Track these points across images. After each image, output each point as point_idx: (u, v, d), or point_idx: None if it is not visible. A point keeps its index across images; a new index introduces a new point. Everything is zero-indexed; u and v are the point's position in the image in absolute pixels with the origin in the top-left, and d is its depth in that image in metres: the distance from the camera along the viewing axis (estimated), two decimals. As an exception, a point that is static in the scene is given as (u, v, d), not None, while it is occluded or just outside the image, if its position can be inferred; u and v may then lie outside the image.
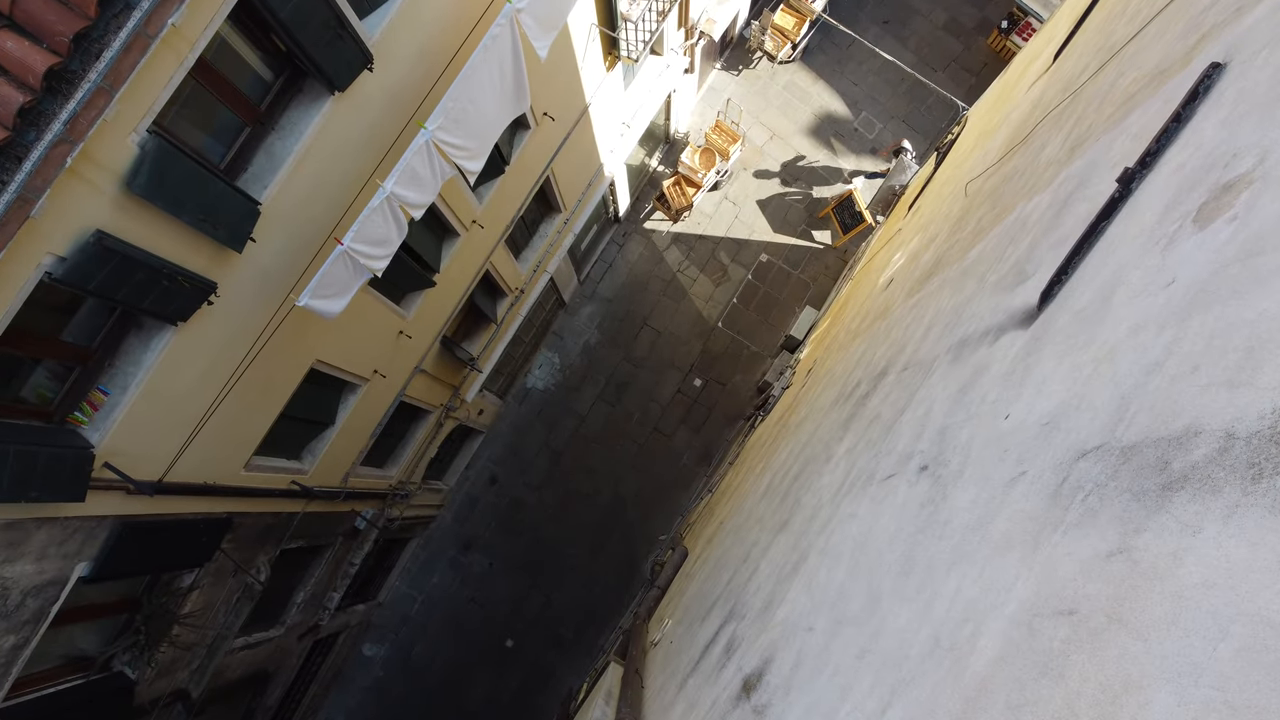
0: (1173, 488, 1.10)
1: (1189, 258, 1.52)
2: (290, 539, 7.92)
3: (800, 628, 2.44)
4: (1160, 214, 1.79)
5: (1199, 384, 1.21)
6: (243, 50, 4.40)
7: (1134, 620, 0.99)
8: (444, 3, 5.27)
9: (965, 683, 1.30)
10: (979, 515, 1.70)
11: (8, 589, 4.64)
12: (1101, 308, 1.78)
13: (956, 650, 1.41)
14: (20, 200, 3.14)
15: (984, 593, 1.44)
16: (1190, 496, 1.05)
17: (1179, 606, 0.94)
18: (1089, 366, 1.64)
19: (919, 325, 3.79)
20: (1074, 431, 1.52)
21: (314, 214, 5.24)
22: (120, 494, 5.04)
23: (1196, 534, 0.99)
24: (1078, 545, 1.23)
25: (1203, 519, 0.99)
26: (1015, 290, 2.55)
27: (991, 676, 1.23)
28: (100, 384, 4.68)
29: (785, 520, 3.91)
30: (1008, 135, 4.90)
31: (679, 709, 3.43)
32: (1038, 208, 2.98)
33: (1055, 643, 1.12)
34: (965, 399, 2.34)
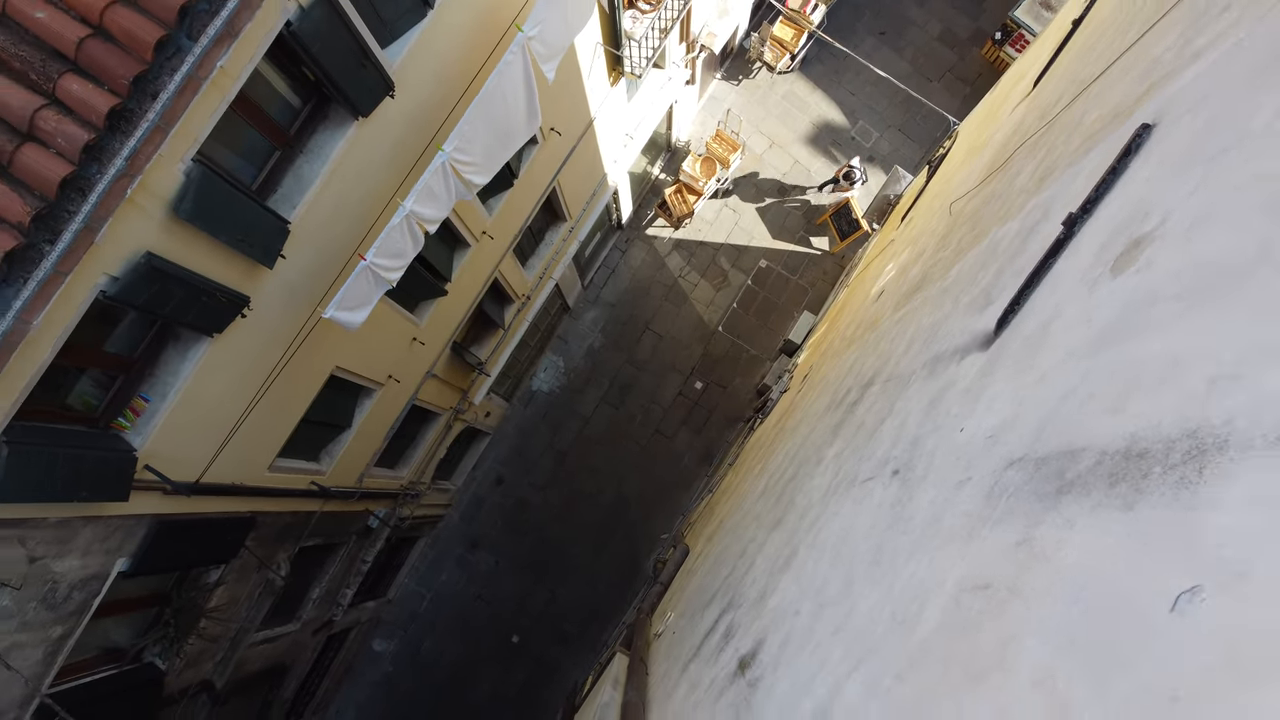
0: (1063, 492, 1.42)
1: (1104, 301, 1.84)
2: (308, 537, 8.25)
3: (789, 612, 2.77)
4: (1092, 258, 2.10)
5: (1094, 410, 1.53)
6: (275, 80, 4.72)
7: (1025, 591, 1.31)
8: (458, 31, 5.60)
9: (911, 646, 1.62)
10: (934, 513, 2.02)
11: (56, 582, 4.98)
12: (1042, 338, 2.10)
13: (907, 622, 1.73)
14: (86, 229, 3.47)
15: (931, 575, 1.76)
16: (1073, 498, 1.37)
17: (1055, 580, 1.26)
18: (1027, 389, 1.96)
19: (903, 339, 4.10)
20: (1008, 445, 1.84)
21: (338, 231, 5.57)
22: (158, 494, 5.38)
23: (1072, 526, 1.31)
24: (998, 536, 1.56)
25: (1077, 515, 1.32)
26: (981, 314, 2.86)
27: (929, 640, 1.56)
28: (141, 391, 5.01)
29: (780, 519, 4.23)
30: (990, 157, 5.21)
31: (682, 690, 3.76)
32: (1008, 234, 3.30)
33: (973, 612, 1.44)
34: (934, 412, 2.66)
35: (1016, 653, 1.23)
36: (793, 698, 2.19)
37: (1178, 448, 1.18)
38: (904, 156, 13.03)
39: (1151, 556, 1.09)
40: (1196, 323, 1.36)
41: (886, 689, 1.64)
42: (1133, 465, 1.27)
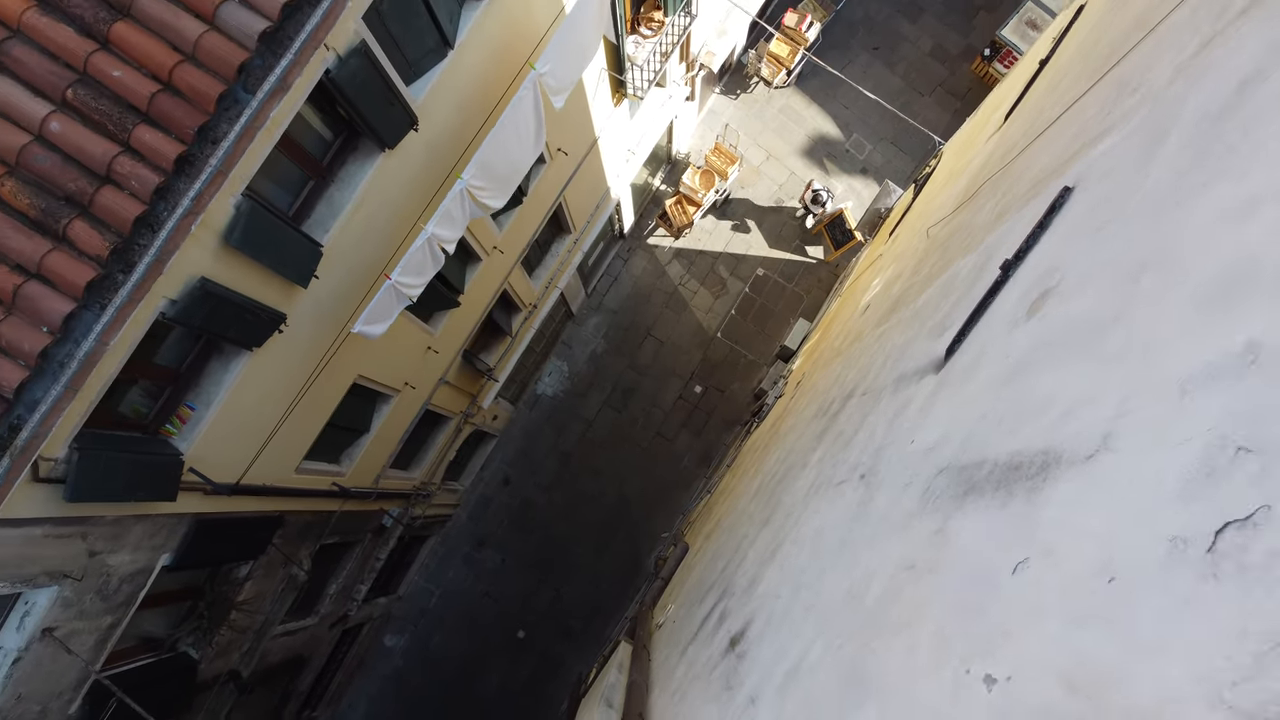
0: (969, 494, 1.88)
1: (1018, 340, 2.30)
2: (328, 535, 8.72)
3: (772, 596, 3.23)
4: (1015, 303, 2.56)
5: (1000, 431, 1.99)
6: (311, 118, 5.19)
7: (935, 568, 1.78)
8: (476, 69, 6.06)
9: (859, 616, 2.08)
10: (886, 510, 2.49)
11: (110, 575, 5.45)
12: (974, 367, 2.56)
13: (858, 598, 2.19)
14: (156, 261, 3.94)
15: (878, 560, 2.22)
16: (973, 499, 1.83)
17: (952, 558, 1.72)
18: (958, 410, 2.42)
19: (880, 355, 4.56)
20: (941, 455, 2.30)
21: (365, 252, 6.03)
22: (199, 494, 5.85)
23: (967, 519, 1.77)
24: (923, 527, 2.02)
25: (974, 511, 1.78)
26: (938, 340, 3.32)
27: (872, 609, 2.02)
28: (187, 400, 5.48)
29: (769, 517, 4.69)
30: (964, 185, 5.67)
31: (680, 670, 4.22)
32: (966, 268, 3.76)
33: (902, 584, 1.91)
34: (895, 424, 3.12)
35: (923, 610, 1.69)
36: (771, 664, 2.65)
37: (1035, 462, 1.64)
38: (896, 168, 13.50)
39: (1007, 539, 1.55)
40: (1061, 368, 1.82)
41: (838, 648, 2.10)
42: (1010, 475, 1.73)
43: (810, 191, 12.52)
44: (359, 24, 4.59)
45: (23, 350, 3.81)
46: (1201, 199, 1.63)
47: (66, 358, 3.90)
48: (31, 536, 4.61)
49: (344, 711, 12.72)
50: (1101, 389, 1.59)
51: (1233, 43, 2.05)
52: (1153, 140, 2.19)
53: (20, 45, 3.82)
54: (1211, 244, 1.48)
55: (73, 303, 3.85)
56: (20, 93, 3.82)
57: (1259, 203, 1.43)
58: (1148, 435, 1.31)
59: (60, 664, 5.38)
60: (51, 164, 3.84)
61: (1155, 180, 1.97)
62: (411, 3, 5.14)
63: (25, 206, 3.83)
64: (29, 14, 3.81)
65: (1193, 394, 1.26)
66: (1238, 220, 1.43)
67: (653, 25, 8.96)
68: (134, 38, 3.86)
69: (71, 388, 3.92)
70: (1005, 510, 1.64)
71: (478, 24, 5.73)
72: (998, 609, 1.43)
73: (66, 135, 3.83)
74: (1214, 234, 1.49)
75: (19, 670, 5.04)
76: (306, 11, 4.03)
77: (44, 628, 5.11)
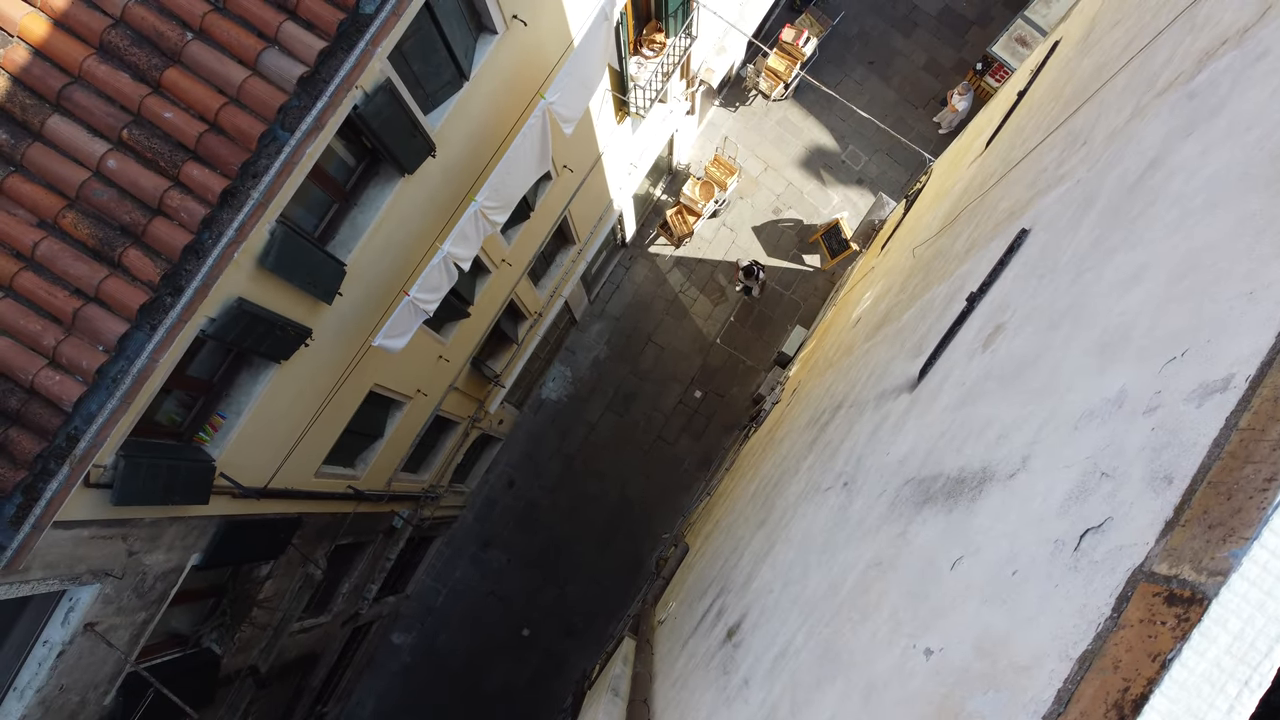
0: (926, 502, 2.25)
1: (973, 369, 2.67)
2: (342, 536, 9.09)
3: (765, 591, 3.60)
4: (975, 333, 2.94)
5: (950, 448, 2.36)
6: (337, 147, 5.56)
7: (894, 565, 2.15)
8: (490, 98, 6.44)
9: (836, 603, 2.45)
10: (862, 514, 2.86)
11: (145, 573, 5.82)
12: (939, 390, 2.93)
13: (838, 590, 2.56)
14: (203, 285, 4.31)
15: (854, 557, 2.59)
16: (929, 506, 2.20)
17: (909, 556, 2.09)
18: (923, 428, 2.79)
19: (866, 369, 4.93)
20: (908, 467, 2.67)
21: (384, 270, 6.40)
22: (228, 497, 6.21)
23: (924, 524, 2.14)
24: (890, 530, 2.39)
25: (929, 517, 2.15)
26: (914, 360, 3.69)
27: (844, 598, 2.39)
28: (219, 410, 5.85)
29: (764, 519, 5.06)
30: (947, 208, 6.05)
31: (681, 661, 4.59)
32: (941, 294, 4.13)
33: (870, 579, 2.28)
34: (875, 437, 3.49)
35: (882, 599, 2.06)
36: (763, 650, 3.02)
37: (975, 477, 2.01)
38: (891, 180, 13.88)
39: (947, 541, 1.92)
40: (998, 397, 2.19)
41: (817, 634, 2.47)
42: (956, 487, 2.10)
43: (741, 269, 12.87)
44: (384, 64, 4.97)
45: (81, 367, 4.18)
46: (1107, 264, 2.00)
47: (120, 374, 4.27)
48: (80, 537, 4.98)
49: (353, 708, 13.08)
50: (1026, 418, 1.96)
51: (1149, 120, 2.43)
52: (1086, 202, 2.57)
53: (81, 90, 4.19)
54: (1105, 306, 1.85)
55: (127, 324, 4.22)
56: (81, 133, 4.19)
57: (1145, 269, 1.80)
58: (1050, 459, 1.68)
59: (98, 657, 5.74)
60: (109, 197, 4.21)
61: (1081, 239, 2.35)
62: (431, 40, 5.51)
63: (85, 236, 4.20)
64: (89, 62, 4.18)
65: (1081, 429, 1.62)
66: (1125, 288, 1.80)
67: (654, 47, 9.34)
68: (184, 83, 4.23)
69: (125, 402, 4.28)
70: (950, 517, 2.00)
71: (491, 57, 6.10)
72: (937, 596, 1.80)
73: (122, 171, 4.20)
74: (1108, 297, 1.86)
75: (63, 662, 5.41)
76: (340, 57, 4.40)
77: (86, 623, 5.47)
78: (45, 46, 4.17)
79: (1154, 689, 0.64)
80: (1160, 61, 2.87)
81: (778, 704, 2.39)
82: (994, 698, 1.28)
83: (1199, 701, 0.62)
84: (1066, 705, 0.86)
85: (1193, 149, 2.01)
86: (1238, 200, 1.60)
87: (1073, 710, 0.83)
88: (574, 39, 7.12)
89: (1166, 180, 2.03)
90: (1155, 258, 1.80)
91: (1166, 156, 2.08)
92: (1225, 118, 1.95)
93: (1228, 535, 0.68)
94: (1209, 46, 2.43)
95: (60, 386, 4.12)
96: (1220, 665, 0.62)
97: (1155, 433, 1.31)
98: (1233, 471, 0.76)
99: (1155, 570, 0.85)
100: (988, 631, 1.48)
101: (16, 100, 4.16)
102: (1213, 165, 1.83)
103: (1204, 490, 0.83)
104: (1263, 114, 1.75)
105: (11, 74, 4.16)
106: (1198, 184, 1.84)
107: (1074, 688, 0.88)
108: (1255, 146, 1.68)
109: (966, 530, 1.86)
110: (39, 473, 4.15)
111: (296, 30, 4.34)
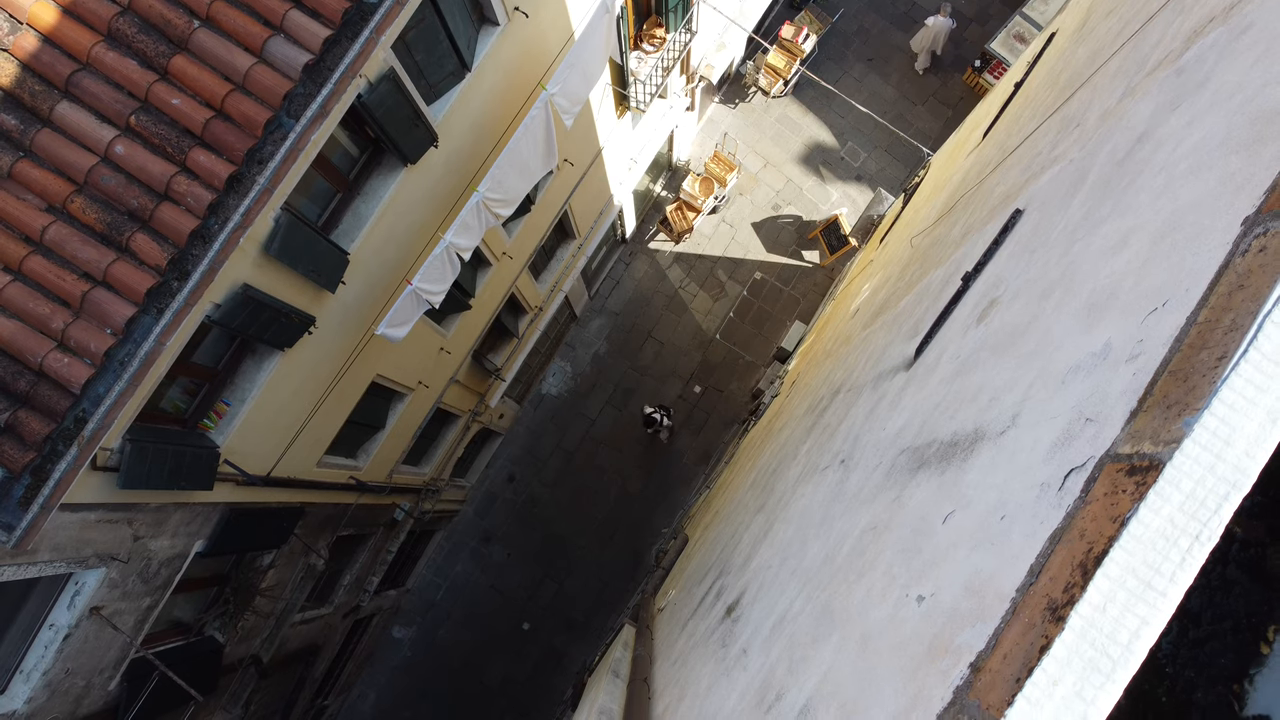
0: (920, 467, 2.31)
1: (967, 343, 2.73)
2: (344, 527, 9.14)
3: (763, 568, 3.66)
4: (971, 309, 3.00)
5: (946, 416, 2.42)
6: (340, 137, 5.62)
7: (890, 526, 2.21)
8: (492, 89, 6.50)
9: (833, 569, 2.51)
10: (858, 487, 2.91)
11: (150, 559, 5.87)
12: (935, 364, 2.99)
13: (834, 559, 2.61)
14: (209, 270, 4.36)
15: (850, 525, 2.65)
16: (923, 470, 2.26)
17: (903, 517, 2.15)
18: (919, 401, 2.85)
19: (864, 355, 4.99)
20: (904, 438, 2.73)
21: (387, 259, 6.46)
22: (232, 485, 6.27)
23: (918, 487, 2.20)
24: (886, 496, 2.45)
25: (923, 480, 2.21)
26: (911, 341, 3.75)
27: (841, 563, 2.45)
28: (224, 397, 5.90)
29: (763, 504, 5.12)
30: (945, 199, 6.11)
31: (681, 642, 4.65)
32: (938, 278, 4.19)
33: (866, 542, 2.33)
34: (872, 415, 3.55)
35: (878, 559, 2.12)
36: (761, 620, 3.08)
37: (967, 439, 2.07)
38: (890, 176, 13.95)
39: (940, 499, 1.97)
40: (994, 364, 2.25)
41: (815, 598, 2.52)
42: (949, 450, 2.16)
43: (645, 415, 12.78)
44: (388, 53, 5.03)
45: (89, 350, 4.23)
46: (1096, 232, 2.06)
47: (128, 357, 4.32)
48: (87, 521, 5.03)
49: (354, 701, 13.12)
50: (1017, 380, 2.02)
51: (1140, 99, 2.49)
52: (1078, 178, 2.63)
53: (89, 77, 4.25)
54: (1093, 270, 1.91)
55: (134, 307, 4.28)
56: (89, 119, 4.25)
57: (1131, 233, 1.86)
58: (1038, 414, 1.74)
59: (104, 641, 5.80)
60: (116, 183, 4.26)
61: (1072, 213, 2.41)
62: (434, 31, 5.57)
63: (93, 221, 4.26)
64: (97, 49, 4.24)
65: (1068, 383, 1.68)
66: (1113, 253, 1.86)
67: (654, 42, 9.41)
68: (191, 70, 4.29)
69: (132, 384, 4.34)
70: (943, 477, 2.06)
71: (493, 49, 6.16)
72: (930, 549, 1.86)
73: (130, 157, 4.26)
74: (1096, 263, 1.92)
75: (69, 646, 5.46)
76: (345, 45, 4.46)
77: (92, 606, 5.53)
78: (54, 34, 4.22)
79: (1113, 545, 0.70)
80: (1151, 44, 2.93)
81: (775, 665, 2.45)
82: (981, 629, 1.34)
83: (1154, 554, 0.67)
84: (1038, 576, 0.92)
85: (1179, 120, 2.07)
86: (1220, 162, 1.66)
87: (1043, 578, 0.89)
88: (575, 32, 7.18)
89: (1154, 151, 2.09)
90: (1141, 223, 1.86)
91: (1155, 130, 2.14)
92: (1210, 89, 2.01)
93: (1183, 410, 0.73)
94: (1197, 25, 2.49)
95: (69, 369, 4.18)
96: (1174, 522, 0.67)
97: (1136, 377, 1.36)
98: (1189, 359, 0.82)
99: (1120, 452, 0.91)
100: (977, 573, 1.54)
101: (26, 86, 4.22)
102: (1198, 134, 1.89)
103: (1164, 379, 0.89)
104: (1245, 81, 1.81)
105: (21, 61, 4.21)
106: (1183, 151, 1.90)
107: (1044, 560, 0.94)
108: (1237, 112, 1.74)
109: (958, 487, 1.92)
110: (47, 454, 4.21)
111: (302, 18, 4.40)
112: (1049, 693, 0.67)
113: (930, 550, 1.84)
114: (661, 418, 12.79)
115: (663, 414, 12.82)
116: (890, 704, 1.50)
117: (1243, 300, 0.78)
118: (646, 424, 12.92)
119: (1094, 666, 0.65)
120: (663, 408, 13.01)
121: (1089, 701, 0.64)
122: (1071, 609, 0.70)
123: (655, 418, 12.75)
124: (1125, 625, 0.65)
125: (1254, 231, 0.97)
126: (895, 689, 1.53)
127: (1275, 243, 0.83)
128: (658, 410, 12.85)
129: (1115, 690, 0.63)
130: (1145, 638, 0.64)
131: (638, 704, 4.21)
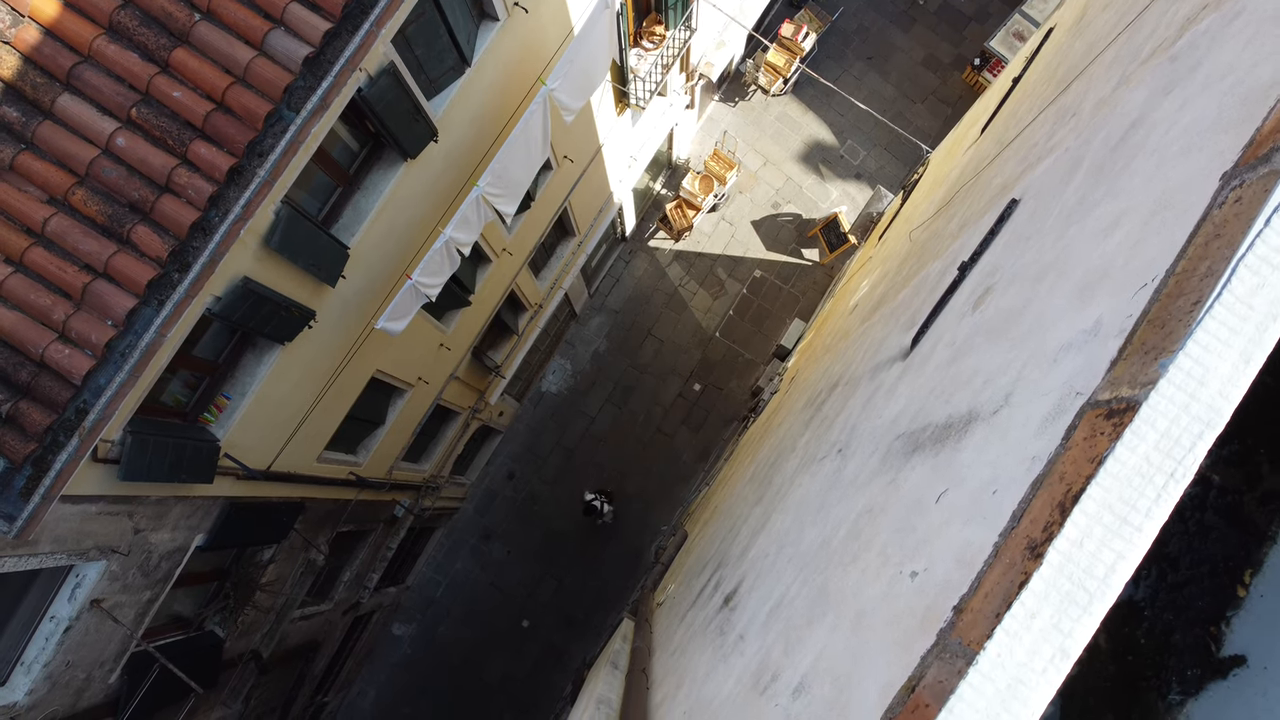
0: (915, 451, 2.32)
1: (962, 329, 2.74)
2: (344, 523, 9.15)
3: (761, 557, 3.67)
4: (966, 297, 3.01)
5: (941, 401, 2.43)
6: (340, 131, 5.64)
7: (885, 509, 2.22)
8: (492, 84, 6.52)
9: (829, 553, 2.53)
10: (855, 474, 2.93)
11: (151, 552, 5.89)
12: (931, 352, 3.01)
13: (830, 543, 2.63)
14: (210, 262, 4.38)
15: (846, 510, 2.67)
16: (918, 454, 2.27)
17: (897, 499, 2.16)
18: (915, 387, 2.87)
19: (862, 348, 5.01)
20: (899, 425, 2.74)
21: (387, 254, 6.48)
22: (232, 479, 6.28)
23: (913, 469, 2.22)
24: (881, 480, 2.46)
25: (917, 463, 2.22)
26: (908, 332, 3.77)
27: (837, 546, 2.46)
28: (224, 391, 5.92)
29: (761, 496, 5.14)
30: (943, 194, 6.12)
31: (679, 634, 4.66)
32: (935, 270, 4.20)
33: (861, 525, 2.35)
34: (869, 405, 3.56)
35: (873, 540, 2.13)
36: (758, 605, 3.10)
37: (961, 421, 2.09)
38: (889, 174, 13.96)
39: (934, 479, 1.99)
40: (985, 349, 2.27)
41: (811, 581, 2.54)
42: (943, 433, 2.18)
43: (585, 502, 12.38)
44: (388, 47, 5.05)
45: (90, 341, 4.25)
46: (1090, 216, 2.08)
47: (128, 348, 4.34)
48: (88, 513, 5.05)
49: (354, 698, 13.13)
50: (1010, 362, 2.03)
51: (1134, 87, 2.50)
52: (1073, 166, 2.64)
53: (91, 69, 4.27)
54: (1086, 252, 1.92)
55: (135, 299, 4.30)
56: (90, 112, 4.27)
57: (1124, 214, 1.87)
58: (1031, 391, 1.76)
59: (104, 634, 5.81)
60: (118, 175, 4.28)
61: (1067, 199, 2.42)
62: (434, 25, 5.59)
63: (94, 213, 4.27)
64: (98, 41, 4.26)
65: (1060, 360, 1.70)
66: (1105, 235, 1.88)
67: (654, 39, 9.43)
68: (191, 63, 4.31)
69: (132, 376, 4.36)
70: (937, 458, 2.08)
71: (493, 44, 6.19)
72: (924, 527, 1.87)
73: (131, 149, 4.28)
74: (1089, 245, 1.94)
75: (70, 638, 5.48)
76: (345, 38, 4.48)
77: (93, 599, 5.54)
78: (56, 26, 4.24)
79: (1090, 484, 0.71)
80: (1146, 33, 2.95)
81: (771, 648, 2.47)
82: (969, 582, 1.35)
83: (1130, 491, 0.69)
84: (1019, 520, 0.94)
85: (1172, 104, 2.09)
86: (1210, 141, 1.68)
87: (1024, 521, 0.91)
88: (575, 27, 7.20)
89: (1147, 135, 2.10)
90: (1134, 204, 1.87)
91: (1148, 114, 2.16)
92: (1203, 72, 2.03)
93: (1159, 354, 0.75)
94: (1190, 13, 2.51)
95: (70, 360, 4.20)
96: (1149, 460, 0.69)
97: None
98: (1167, 307, 0.83)
99: (1099, 399, 0.92)
100: (968, 545, 1.55)
101: (28, 79, 4.24)
102: (1190, 115, 1.91)
103: (1143, 328, 0.90)
104: (1236, 63, 1.82)
105: (23, 53, 4.23)
106: (1175, 133, 1.92)
107: (1026, 505, 0.95)
108: (1228, 93, 1.76)
109: (952, 466, 1.93)
110: (49, 445, 4.23)
111: (302, 11, 4.42)
112: (1027, 625, 0.69)
113: (924, 528, 1.86)
114: (602, 504, 12.03)
115: (603, 500, 12.04)
116: (883, 675, 1.52)
117: (1219, 248, 0.79)
118: (586, 511, 12.21)
119: (1071, 599, 0.67)
120: (603, 493, 12.18)
121: (1066, 633, 0.65)
122: (1049, 545, 0.71)
123: (595, 505, 12.05)
124: (1101, 560, 0.67)
125: (1231, 185, 0.98)
126: (888, 660, 1.55)
127: (1250, 192, 0.85)
128: (598, 497, 12.11)
129: (1092, 622, 0.65)
130: (1121, 571, 0.66)
131: (636, 694, 4.23)
